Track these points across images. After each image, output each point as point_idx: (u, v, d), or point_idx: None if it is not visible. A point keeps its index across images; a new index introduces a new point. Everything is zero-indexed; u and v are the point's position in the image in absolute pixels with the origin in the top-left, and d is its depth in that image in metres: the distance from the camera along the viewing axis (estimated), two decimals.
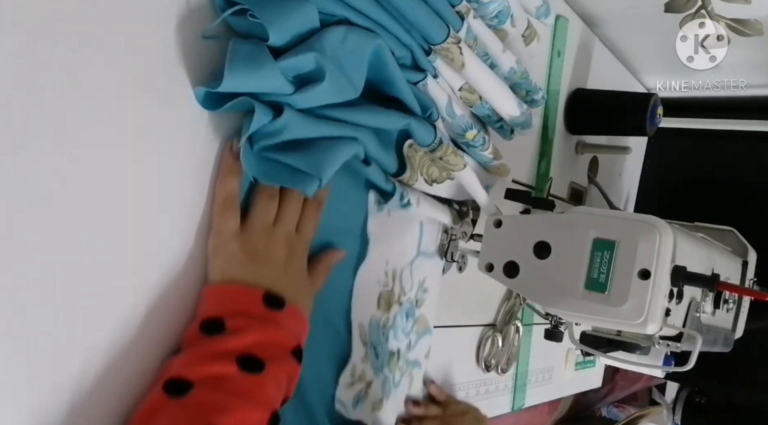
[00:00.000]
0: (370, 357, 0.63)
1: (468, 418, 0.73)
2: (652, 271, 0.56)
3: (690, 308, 0.67)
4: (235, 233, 0.48)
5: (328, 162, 0.49)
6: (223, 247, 0.47)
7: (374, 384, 0.64)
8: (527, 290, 0.63)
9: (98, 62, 0.40)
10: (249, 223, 0.49)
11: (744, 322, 0.90)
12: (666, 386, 1.80)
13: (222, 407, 0.42)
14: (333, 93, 0.48)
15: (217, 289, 0.47)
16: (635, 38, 1.11)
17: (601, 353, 0.77)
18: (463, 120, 0.65)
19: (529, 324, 0.97)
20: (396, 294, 0.66)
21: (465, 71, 0.62)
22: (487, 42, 0.63)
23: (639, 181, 1.34)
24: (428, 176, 0.66)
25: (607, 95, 1.03)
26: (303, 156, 0.48)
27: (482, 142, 0.67)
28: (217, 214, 0.47)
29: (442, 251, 0.73)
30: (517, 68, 0.68)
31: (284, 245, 0.51)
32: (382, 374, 0.65)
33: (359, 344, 0.62)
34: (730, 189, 1.25)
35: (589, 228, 0.59)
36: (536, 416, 1.38)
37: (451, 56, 0.60)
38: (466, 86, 0.64)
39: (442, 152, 0.63)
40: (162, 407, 0.41)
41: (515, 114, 0.70)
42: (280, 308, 0.48)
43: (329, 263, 0.57)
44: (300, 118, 0.48)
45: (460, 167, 0.66)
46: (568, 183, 1.05)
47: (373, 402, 0.64)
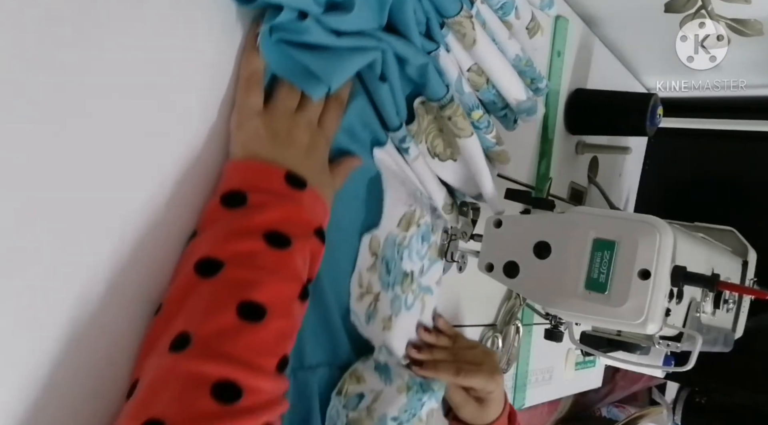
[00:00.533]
0: (379, 269, 0.63)
1: (477, 352, 0.72)
2: (652, 271, 0.56)
3: (690, 308, 0.67)
4: (258, 110, 0.47)
5: (340, 69, 0.49)
6: (246, 122, 0.47)
7: (382, 297, 0.63)
8: (527, 290, 0.63)
9: None
10: (272, 105, 0.49)
11: (744, 322, 0.90)
12: (666, 386, 1.80)
13: (255, 282, 0.42)
14: (359, 21, 0.50)
15: (239, 164, 0.47)
16: (635, 38, 1.11)
17: (601, 353, 0.78)
18: (471, 98, 0.64)
19: (529, 324, 0.97)
20: (416, 216, 0.66)
21: (475, 49, 0.62)
22: (494, 28, 0.64)
23: (639, 181, 1.34)
24: (432, 148, 0.65)
25: (607, 95, 1.03)
26: (317, 59, 0.48)
27: (486, 124, 0.67)
28: (241, 90, 0.47)
29: (442, 252, 0.73)
30: (522, 56, 0.68)
31: (307, 132, 0.50)
32: (392, 291, 0.64)
33: (367, 253, 0.61)
34: (730, 189, 1.25)
35: (589, 228, 0.59)
36: (536, 416, 1.38)
37: (463, 31, 0.60)
38: (474, 68, 0.64)
39: (452, 110, 0.62)
40: (195, 287, 0.42)
41: (522, 98, 0.69)
42: (302, 188, 0.48)
43: (348, 168, 0.56)
44: (323, 28, 0.48)
45: (468, 133, 0.64)
46: (568, 183, 1.05)
47: (383, 319, 0.64)
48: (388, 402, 0.63)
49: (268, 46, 0.47)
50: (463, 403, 0.70)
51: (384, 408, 0.62)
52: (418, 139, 0.64)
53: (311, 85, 0.48)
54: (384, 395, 0.62)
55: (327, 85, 0.48)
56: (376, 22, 0.53)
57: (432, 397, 0.68)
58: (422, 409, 0.67)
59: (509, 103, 0.70)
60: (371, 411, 0.61)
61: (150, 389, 0.39)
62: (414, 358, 0.68)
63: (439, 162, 0.67)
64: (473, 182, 0.70)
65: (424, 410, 0.67)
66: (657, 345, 0.66)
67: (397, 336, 0.66)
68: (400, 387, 0.64)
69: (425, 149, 0.65)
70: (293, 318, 0.45)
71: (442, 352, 0.70)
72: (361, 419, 0.60)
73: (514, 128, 0.75)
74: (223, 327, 0.40)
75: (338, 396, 0.58)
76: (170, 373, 0.39)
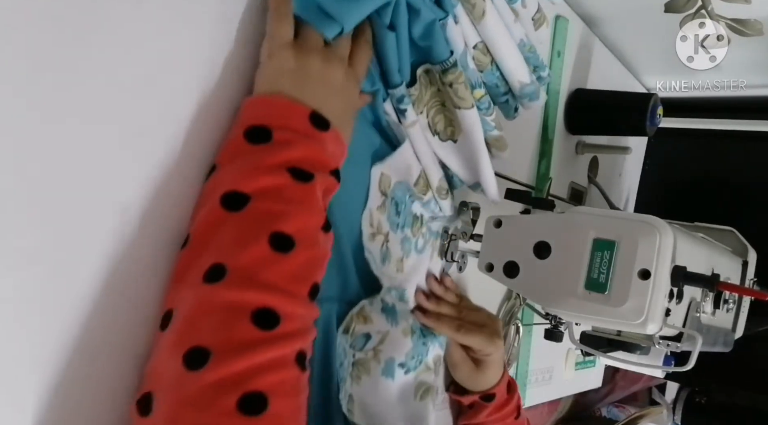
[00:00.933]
0: (388, 209, 0.63)
1: (481, 314, 0.72)
2: (652, 271, 0.56)
3: (690, 308, 0.67)
4: (289, 40, 0.47)
5: (355, 9, 0.49)
6: (278, 51, 0.46)
7: (392, 238, 0.63)
8: (527, 290, 0.63)
9: None
10: (304, 37, 0.48)
11: (744, 322, 0.91)
12: (666, 386, 1.80)
13: (282, 213, 0.43)
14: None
15: (265, 99, 0.46)
16: (635, 38, 1.11)
17: (601, 353, 0.78)
18: (474, 75, 0.64)
19: (529, 324, 0.97)
20: (434, 184, 0.67)
21: (484, 23, 0.62)
22: (500, 9, 0.63)
23: (639, 181, 1.34)
24: (433, 124, 0.65)
25: (607, 95, 1.03)
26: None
27: (487, 106, 0.66)
28: (272, 19, 0.46)
29: (442, 252, 0.73)
30: (526, 41, 0.68)
31: (340, 69, 0.49)
32: (402, 232, 0.64)
33: (377, 192, 0.61)
34: (730, 189, 1.25)
35: (589, 228, 0.59)
36: (536, 416, 1.38)
37: (473, 2, 0.60)
38: (480, 46, 0.63)
39: (454, 76, 0.62)
40: (223, 221, 0.42)
41: (526, 81, 0.69)
42: (325, 129, 0.47)
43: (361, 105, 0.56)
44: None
45: (468, 105, 0.64)
46: (568, 183, 1.05)
47: (396, 261, 0.64)
48: (395, 346, 0.63)
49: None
50: (460, 362, 0.71)
51: (391, 352, 0.62)
52: (419, 108, 0.63)
53: (324, 24, 0.48)
54: (390, 337, 0.62)
55: (341, 24, 0.49)
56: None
57: (436, 342, 0.69)
58: (428, 355, 0.67)
59: (512, 85, 0.69)
60: (378, 352, 0.61)
61: (189, 319, 0.39)
62: (421, 305, 0.68)
63: (439, 141, 0.66)
64: (472, 166, 0.69)
65: (431, 356, 0.68)
66: (657, 345, 0.66)
67: (408, 279, 0.66)
68: (405, 330, 0.64)
69: (425, 122, 0.64)
70: (320, 248, 0.46)
71: (447, 306, 0.70)
72: (368, 360, 0.60)
73: (514, 116, 0.73)
74: (258, 258, 0.41)
75: (345, 335, 0.58)
76: (209, 303, 0.39)
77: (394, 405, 0.62)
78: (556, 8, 0.94)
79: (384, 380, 0.61)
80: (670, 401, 1.74)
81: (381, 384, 0.61)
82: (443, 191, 0.69)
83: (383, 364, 0.61)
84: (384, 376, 0.61)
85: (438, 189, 0.68)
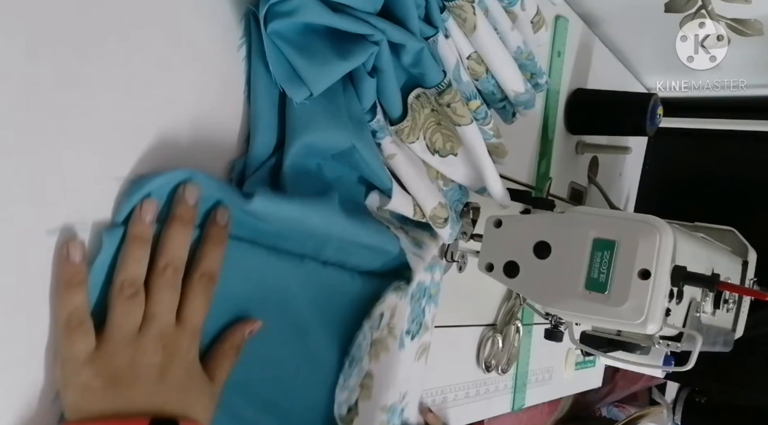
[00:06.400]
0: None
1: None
2: (652, 271, 0.56)
3: (690, 308, 0.67)
4: (86, 357, 0.39)
5: (325, 74, 0.49)
6: (72, 377, 0.39)
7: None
8: (527, 290, 0.63)
9: None
10: (105, 337, 0.40)
11: (744, 322, 0.90)
12: (666, 386, 1.80)
13: None
14: None
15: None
16: (635, 38, 1.11)
17: (601, 353, 0.78)
18: (469, 87, 0.64)
19: (529, 324, 0.97)
20: (428, 213, 0.65)
21: (476, 35, 0.61)
22: (496, 16, 0.63)
23: (639, 181, 1.34)
24: (431, 144, 0.64)
25: (607, 95, 1.03)
26: (304, 58, 0.48)
27: (484, 115, 0.66)
28: (62, 337, 0.38)
29: (442, 252, 0.73)
30: (524, 49, 0.68)
31: (156, 350, 0.41)
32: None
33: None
34: (730, 189, 1.25)
35: (589, 228, 0.59)
36: (536, 416, 1.38)
37: (464, 16, 0.59)
38: (474, 56, 0.63)
39: (450, 96, 0.61)
40: None
41: (520, 90, 0.68)
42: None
43: (236, 342, 0.48)
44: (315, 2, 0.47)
45: (467, 121, 0.63)
46: (568, 183, 1.05)
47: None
48: (402, 316, 0.62)
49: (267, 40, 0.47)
50: None
51: (401, 324, 0.62)
52: (415, 135, 0.62)
53: (293, 88, 0.48)
54: (398, 309, 0.62)
55: (310, 89, 0.48)
56: (371, 6, 0.51)
57: (431, 301, 0.68)
58: (426, 315, 0.67)
59: (507, 94, 0.69)
60: (392, 328, 0.61)
61: None
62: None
63: (440, 158, 0.66)
64: (476, 175, 0.69)
65: (428, 316, 0.67)
66: (657, 345, 0.66)
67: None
68: (405, 296, 0.64)
69: (424, 144, 0.64)
70: None
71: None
72: (384, 337, 0.60)
73: (512, 121, 0.73)
74: None
75: (367, 320, 0.59)
76: None
77: (408, 371, 0.62)
78: (556, 8, 0.94)
79: (399, 352, 0.61)
80: (670, 401, 1.74)
81: (396, 357, 0.61)
82: (440, 220, 0.65)
83: (398, 339, 0.61)
84: (399, 349, 0.61)
85: (433, 218, 0.65)
